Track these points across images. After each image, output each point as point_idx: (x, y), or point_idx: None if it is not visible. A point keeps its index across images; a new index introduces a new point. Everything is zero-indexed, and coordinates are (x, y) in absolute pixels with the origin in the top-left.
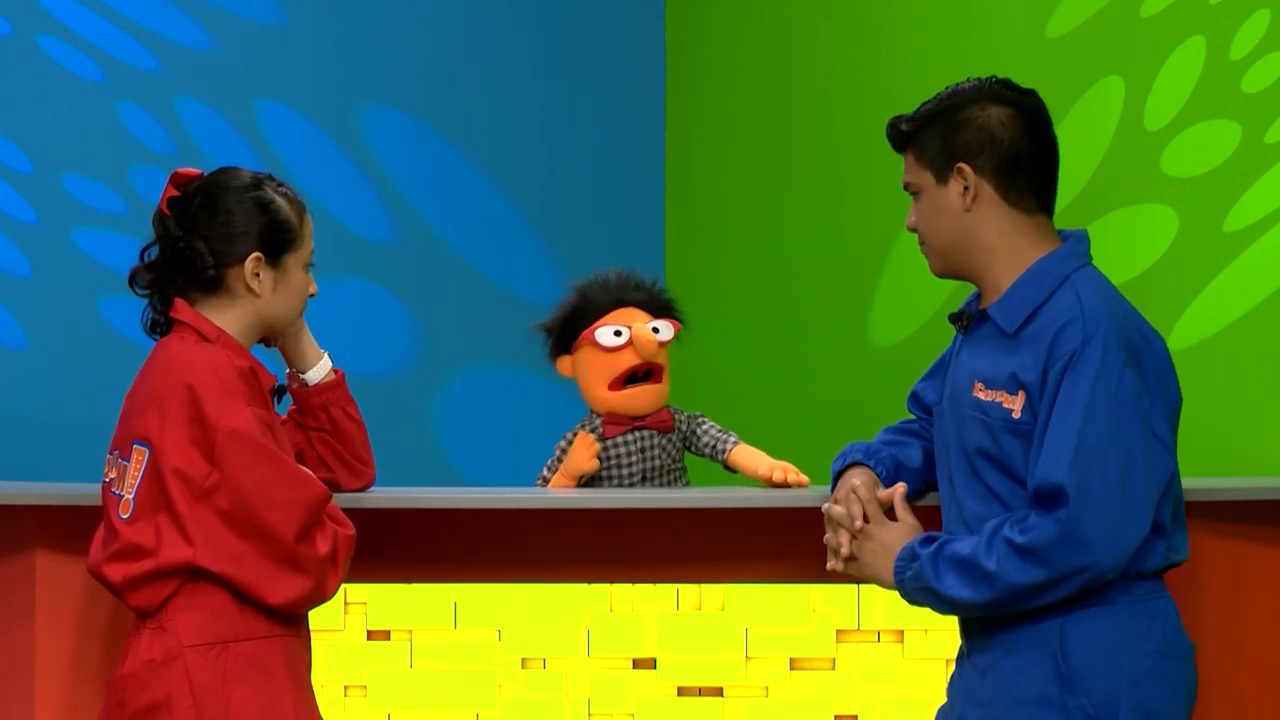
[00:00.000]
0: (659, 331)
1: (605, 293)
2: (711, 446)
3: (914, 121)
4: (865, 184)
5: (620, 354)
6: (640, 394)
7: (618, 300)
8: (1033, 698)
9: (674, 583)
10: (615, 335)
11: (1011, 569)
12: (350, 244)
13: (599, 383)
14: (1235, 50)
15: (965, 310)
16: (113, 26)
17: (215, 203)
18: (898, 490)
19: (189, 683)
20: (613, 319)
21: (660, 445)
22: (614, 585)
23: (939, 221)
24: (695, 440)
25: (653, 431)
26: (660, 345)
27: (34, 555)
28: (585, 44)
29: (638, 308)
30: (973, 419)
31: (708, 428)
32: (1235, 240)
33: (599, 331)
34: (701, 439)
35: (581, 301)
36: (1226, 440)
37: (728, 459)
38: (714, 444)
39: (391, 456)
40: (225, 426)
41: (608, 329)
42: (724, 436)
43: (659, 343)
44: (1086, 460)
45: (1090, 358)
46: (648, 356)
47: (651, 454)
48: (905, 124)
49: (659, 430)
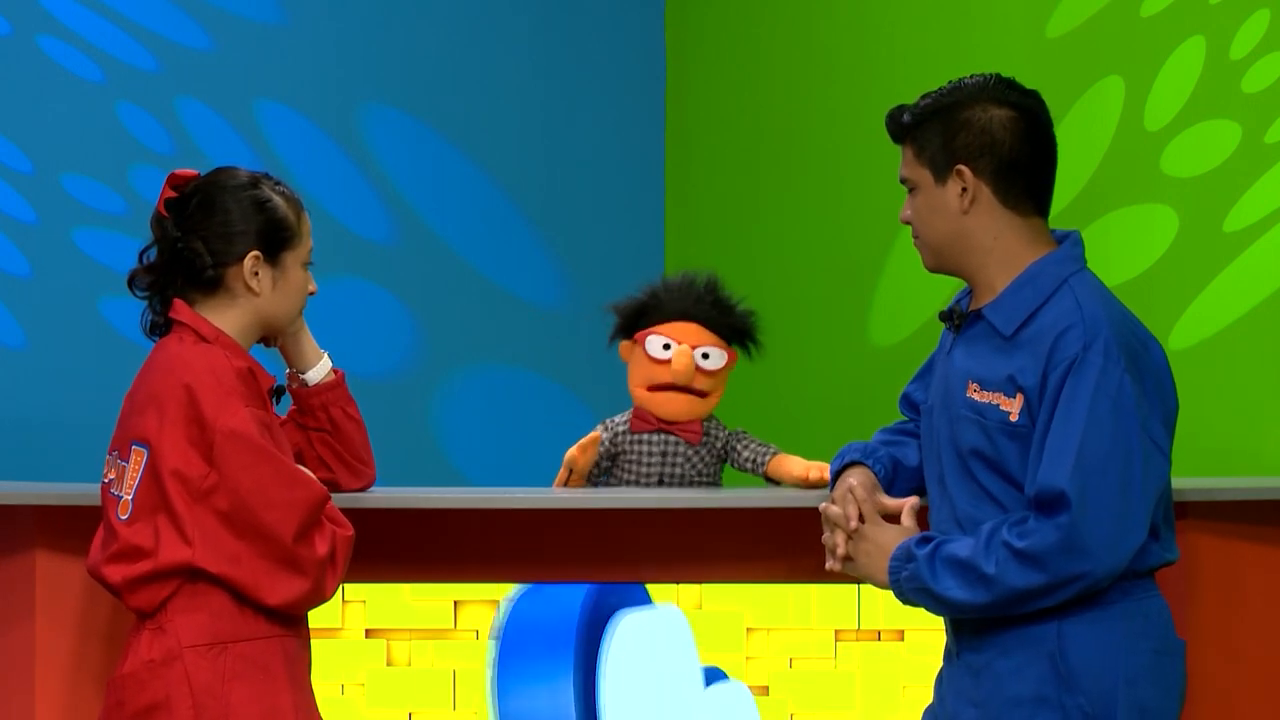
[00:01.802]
0: (708, 358)
1: (676, 299)
2: (752, 461)
3: (915, 114)
4: (865, 183)
5: (662, 367)
6: (670, 400)
7: (684, 312)
8: (1030, 697)
9: (674, 583)
10: (663, 348)
11: (1011, 573)
12: (350, 244)
13: (639, 381)
14: (1235, 50)
15: (955, 309)
16: (113, 26)
17: (213, 203)
18: (910, 502)
19: (188, 683)
20: (669, 330)
21: (684, 454)
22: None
23: (935, 220)
24: (736, 456)
25: (677, 439)
26: (701, 372)
27: (34, 555)
28: (585, 44)
29: (703, 324)
30: (967, 419)
31: (748, 443)
32: (1235, 240)
33: (650, 338)
34: (742, 454)
35: (653, 300)
36: (1226, 440)
37: (766, 470)
38: (754, 458)
39: (391, 456)
40: (223, 427)
41: (659, 339)
42: (764, 450)
43: (700, 369)
44: (1088, 468)
45: (1091, 364)
46: (681, 380)
47: (673, 460)
48: (906, 116)
49: (684, 439)
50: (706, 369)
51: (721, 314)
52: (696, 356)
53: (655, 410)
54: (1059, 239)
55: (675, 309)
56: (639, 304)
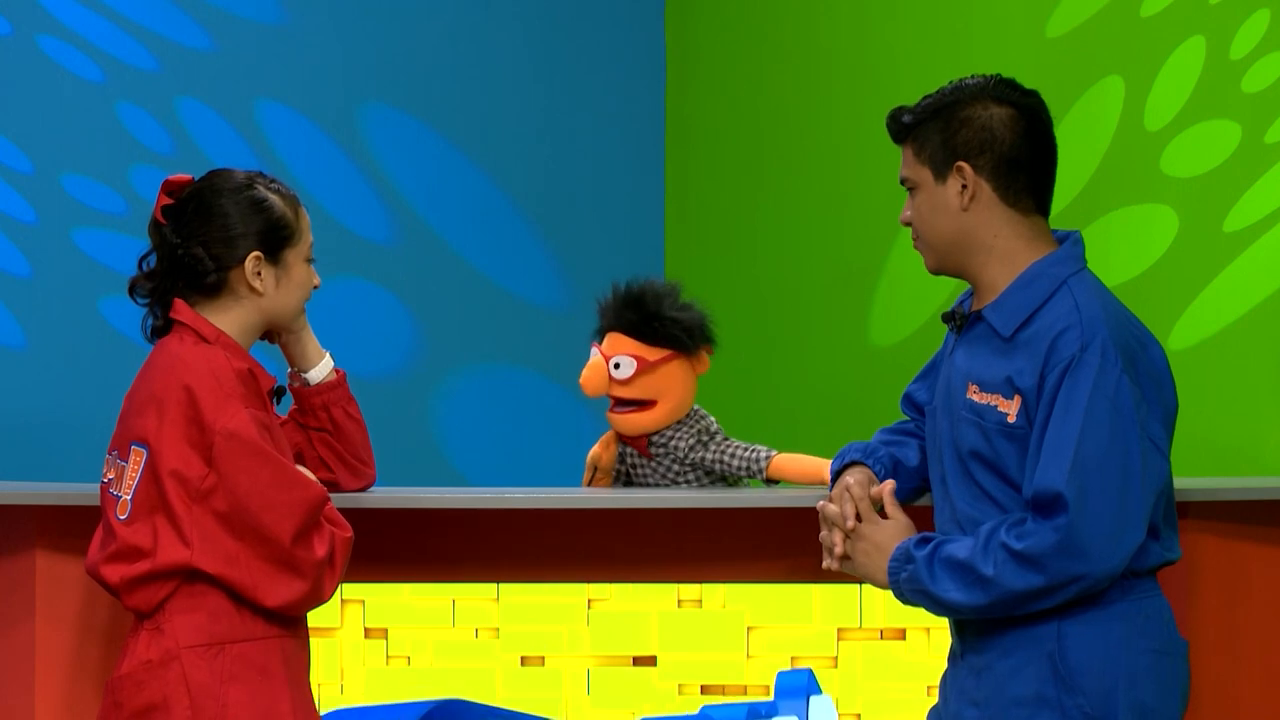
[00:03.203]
0: (618, 368)
1: (605, 313)
2: (745, 468)
3: (915, 114)
4: (865, 184)
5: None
6: (614, 419)
7: (609, 324)
8: (1030, 697)
9: (674, 583)
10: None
11: (1008, 575)
12: (350, 244)
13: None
14: (1235, 50)
15: (958, 310)
16: (113, 26)
17: (210, 207)
18: (886, 487)
19: (186, 683)
20: (603, 344)
21: (649, 466)
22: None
23: (935, 219)
24: (727, 465)
25: (635, 452)
26: (616, 382)
27: (34, 555)
28: (585, 44)
29: (624, 333)
30: (967, 421)
31: (734, 450)
32: (1235, 240)
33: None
34: (732, 463)
35: (598, 317)
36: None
37: (769, 472)
38: (747, 464)
39: (391, 456)
40: (222, 428)
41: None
42: (755, 454)
43: (613, 378)
44: (1085, 468)
45: (1088, 364)
46: (589, 394)
47: (641, 473)
48: (907, 116)
49: (639, 453)
50: (618, 378)
51: (644, 319)
52: (610, 367)
53: (613, 425)
54: (1060, 239)
55: (605, 323)
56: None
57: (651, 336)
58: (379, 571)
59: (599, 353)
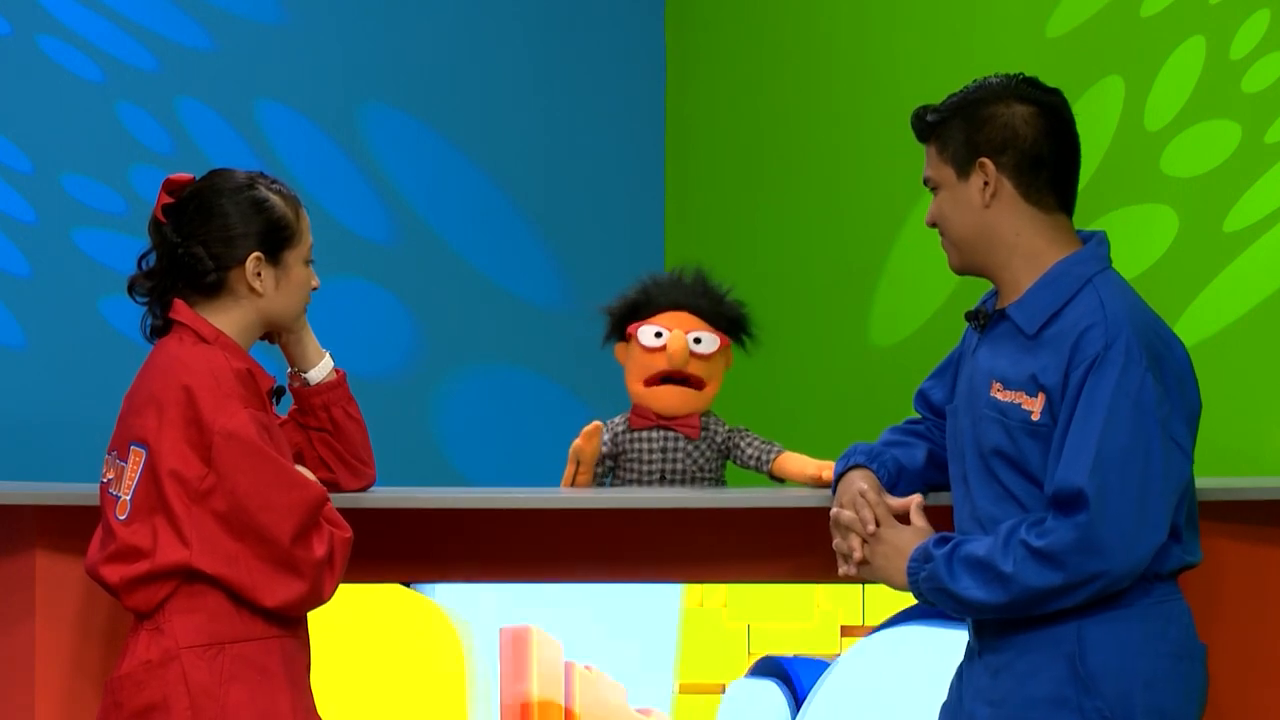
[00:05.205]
0: (700, 343)
1: (665, 292)
2: (756, 459)
3: (939, 113)
4: (865, 184)
5: (656, 355)
6: (666, 394)
7: (674, 303)
8: (1047, 698)
9: (675, 582)
10: (655, 336)
11: (1028, 572)
12: (350, 244)
13: (635, 377)
14: (1235, 50)
15: (981, 309)
16: (113, 26)
17: (210, 207)
18: (914, 500)
19: (185, 684)
20: (659, 319)
21: (684, 450)
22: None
23: (958, 216)
24: (739, 454)
25: (676, 434)
26: (695, 356)
27: (34, 555)
28: (585, 44)
29: (693, 314)
30: (990, 419)
31: (751, 440)
32: (1235, 240)
33: (642, 330)
34: (745, 451)
35: (642, 295)
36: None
37: (772, 468)
38: (758, 456)
39: (391, 456)
40: (221, 428)
41: (650, 329)
42: (768, 447)
43: (693, 354)
44: (1107, 466)
45: (1113, 362)
46: (676, 365)
47: (673, 456)
48: (931, 114)
49: (684, 434)
50: (700, 353)
51: (712, 304)
52: (689, 341)
53: (653, 405)
54: (1084, 239)
55: (666, 301)
56: (630, 302)
57: (719, 322)
58: (379, 572)
59: (664, 328)
